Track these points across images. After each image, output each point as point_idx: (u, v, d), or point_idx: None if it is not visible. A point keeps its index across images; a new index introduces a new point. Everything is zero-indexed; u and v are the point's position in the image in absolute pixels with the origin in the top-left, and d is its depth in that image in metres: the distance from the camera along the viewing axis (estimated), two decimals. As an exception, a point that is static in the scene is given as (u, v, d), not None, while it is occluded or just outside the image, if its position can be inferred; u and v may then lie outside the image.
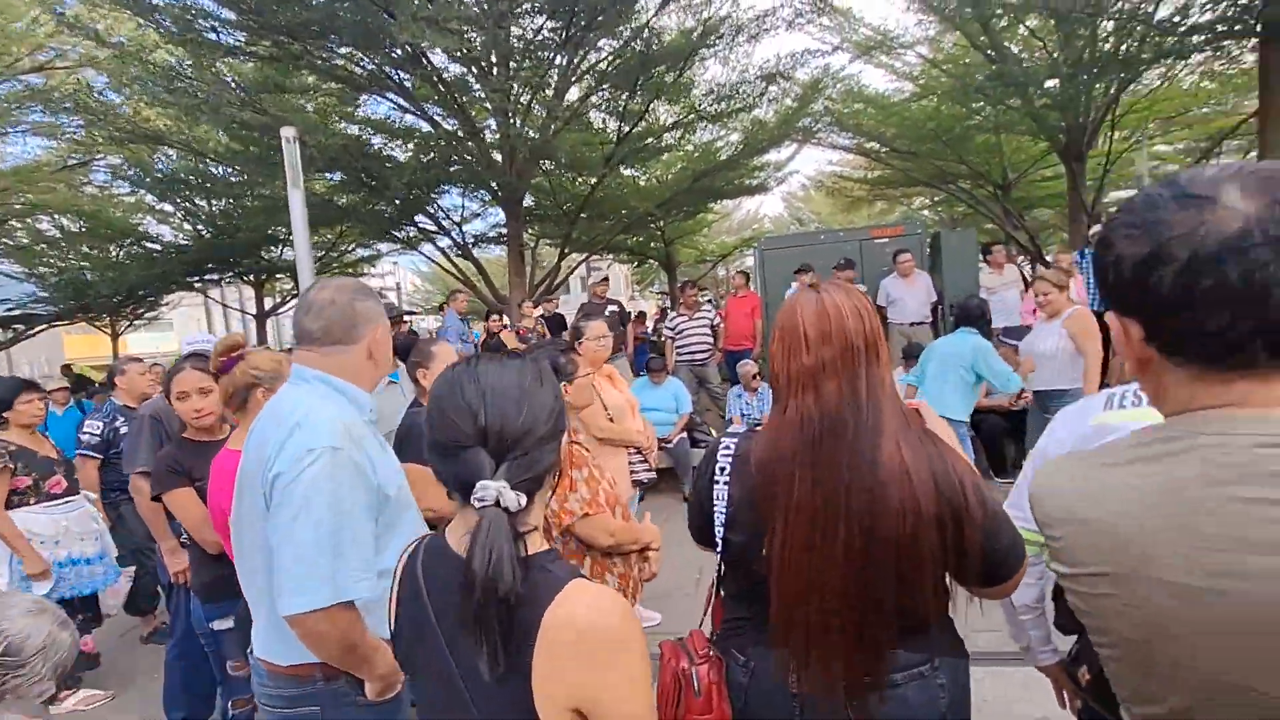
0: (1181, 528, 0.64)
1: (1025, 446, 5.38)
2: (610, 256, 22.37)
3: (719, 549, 1.29)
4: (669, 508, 5.42)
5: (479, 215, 13.00)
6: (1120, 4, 7.60)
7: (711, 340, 6.85)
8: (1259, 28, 6.57)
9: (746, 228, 35.05)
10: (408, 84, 8.83)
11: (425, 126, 9.62)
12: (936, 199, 18.15)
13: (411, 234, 11.93)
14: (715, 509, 1.26)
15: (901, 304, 6.87)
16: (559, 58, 8.50)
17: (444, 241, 11.84)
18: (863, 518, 1.09)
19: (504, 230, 11.27)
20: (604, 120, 10.04)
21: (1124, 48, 7.71)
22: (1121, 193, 16.52)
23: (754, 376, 5.90)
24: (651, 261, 20.27)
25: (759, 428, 1.29)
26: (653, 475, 3.25)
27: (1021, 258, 13.68)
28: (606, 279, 7.66)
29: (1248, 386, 0.64)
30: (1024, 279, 7.66)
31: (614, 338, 7.14)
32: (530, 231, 13.38)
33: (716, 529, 1.27)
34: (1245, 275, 0.61)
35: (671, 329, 6.89)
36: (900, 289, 6.88)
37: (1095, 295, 5.63)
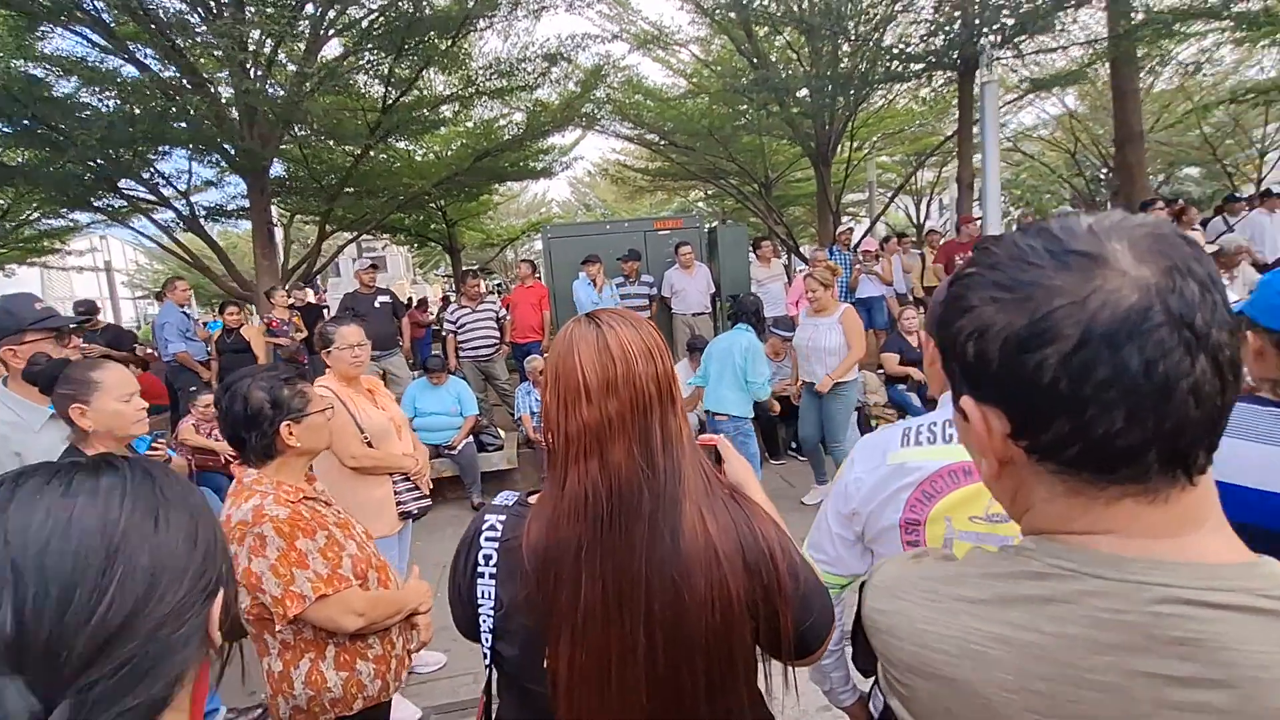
0: (1068, 705, 0.49)
1: (797, 432, 5.84)
2: (386, 237, 20.51)
3: (486, 661, 0.99)
4: (456, 521, 4.97)
5: (214, 184, 10.95)
6: (856, 28, 8.58)
7: (497, 333, 6.44)
8: (958, 62, 7.83)
9: (534, 211, 34.64)
10: (106, 18, 6.98)
11: (133, 71, 7.71)
12: (710, 192, 19.40)
13: (118, 204, 9.61)
14: (480, 612, 0.96)
15: (684, 295, 7.08)
16: (309, 5, 7.32)
17: (167, 214, 9.72)
18: (666, 618, 0.87)
19: (247, 204, 9.58)
20: (368, 85, 8.95)
21: (859, 67, 8.72)
22: (855, 195, 19.17)
23: (543, 371, 5.63)
24: (434, 244, 18.94)
25: (533, 499, 1.00)
26: (425, 503, 2.83)
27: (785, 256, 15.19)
28: (375, 265, 6.80)
29: (1136, 507, 0.50)
30: (786, 272, 8.35)
31: (389, 334, 6.44)
32: (282, 206, 11.62)
33: (483, 636, 0.97)
34: (1147, 365, 0.46)
35: (453, 322, 6.33)
36: (682, 280, 7.09)
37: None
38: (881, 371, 6.21)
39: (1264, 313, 1.24)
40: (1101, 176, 20.82)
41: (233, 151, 8.20)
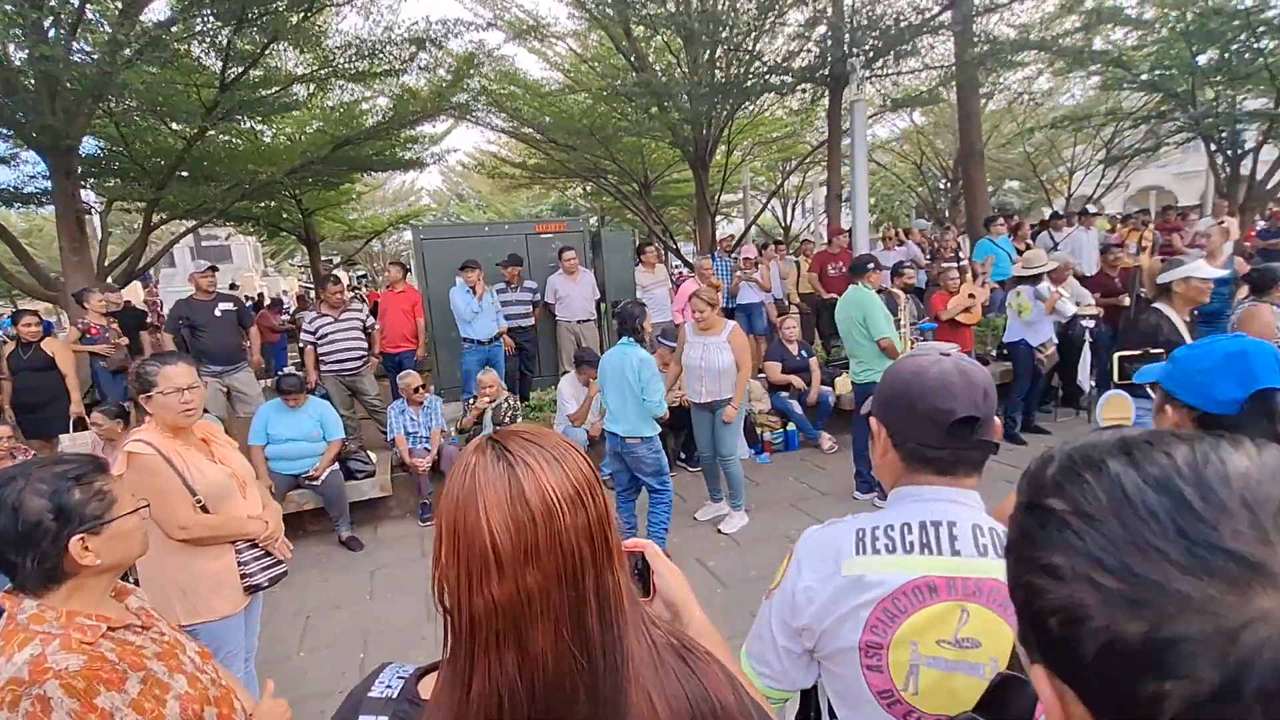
0: None
1: (684, 442, 5.81)
2: (231, 227, 18.41)
3: None
4: (321, 560, 4.44)
5: (4, 161, 9.17)
6: (733, 37, 8.71)
7: (364, 344, 5.86)
8: (829, 79, 8.17)
9: (402, 200, 32.75)
10: None
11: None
12: (589, 189, 19.18)
13: None
14: None
15: (569, 301, 6.84)
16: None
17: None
18: None
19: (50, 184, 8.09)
20: (204, 57, 7.84)
21: (736, 76, 8.89)
22: (730, 196, 19.77)
23: (417, 390, 5.17)
24: (288, 235, 17.23)
25: (426, 689, 0.76)
26: (278, 571, 2.41)
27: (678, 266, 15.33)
28: (214, 268, 5.92)
29: None
30: (670, 278, 8.34)
31: (234, 347, 5.64)
32: (97, 190, 9.99)
33: None
34: None
35: (313, 333, 5.66)
36: (567, 286, 6.84)
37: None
38: (764, 376, 6.34)
39: (1183, 388, 1.25)
40: (941, 187, 22.97)
41: (27, 123, 6.87)
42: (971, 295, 6.05)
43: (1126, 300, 6.35)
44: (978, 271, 7.54)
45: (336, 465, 4.75)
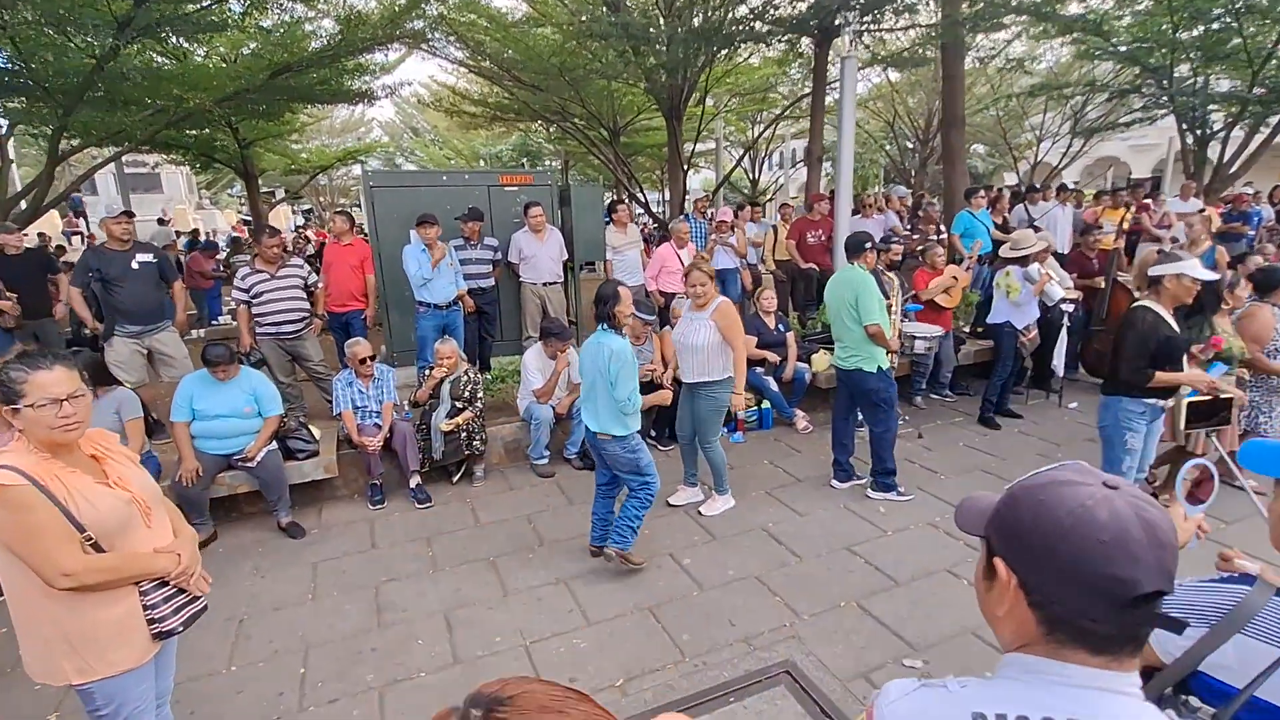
0: None
1: (655, 420, 5.52)
2: (158, 156, 16.87)
3: None
4: (257, 549, 4.02)
5: None
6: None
7: (306, 304, 5.30)
8: (816, 30, 7.66)
9: (351, 132, 30.82)
10: None
11: None
12: (553, 132, 18.21)
13: None
14: None
15: (534, 262, 6.36)
16: None
17: None
18: None
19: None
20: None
21: (720, 22, 8.27)
22: (700, 146, 19.10)
23: (365, 362, 4.69)
24: (222, 167, 15.89)
25: None
26: (195, 610, 2.04)
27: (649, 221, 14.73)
28: (129, 214, 5.20)
29: None
30: (644, 238, 7.89)
31: (155, 304, 5.01)
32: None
33: None
34: None
35: (246, 290, 5.07)
36: (533, 245, 6.35)
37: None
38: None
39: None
40: (910, 147, 22.75)
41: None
42: (954, 277, 5.85)
43: (1102, 283, 6.25)
44: (958, 248, 7.36)
45: (274, 444, 4.30)
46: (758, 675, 2.84)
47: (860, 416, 4.58)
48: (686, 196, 11.66)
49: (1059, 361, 5.94)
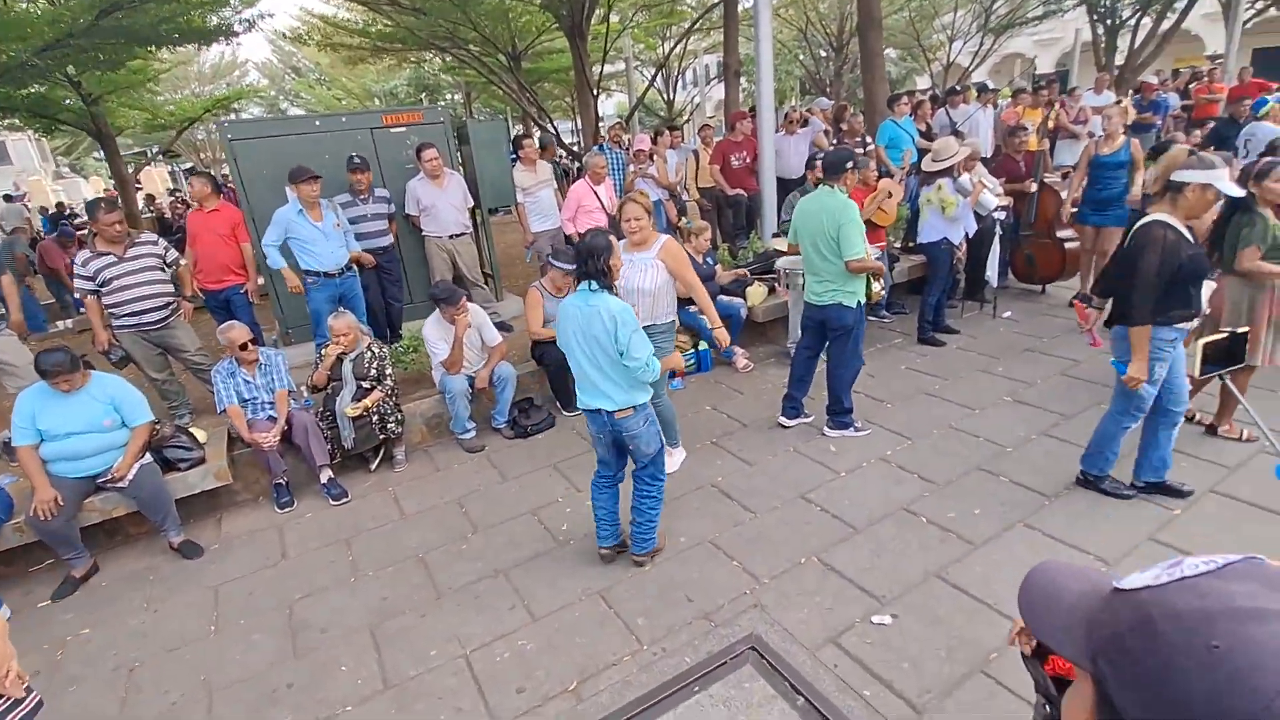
0: None
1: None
2: (-14, 118, 14.57)
3: None
4: (141, 578, 3.48)
5: None
6: None
7: (169, 286, 4.57)
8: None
9: (224, 78, 27.75)
10: None
11: None
12: (448, 61, 16.72)
13: None
14: None
15: (435, 213, 5.71)
16: None
17: None
18: None
19: None
20: None
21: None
22: (610, 67, 17.99)
23: (245, 347, 4.07)
24: (68, 128, 13.88)
25: None
26: (24, 714, 1.59)
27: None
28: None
29: None
30: (556, 176, 7.26)
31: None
32: None
33: None
34: None
35: (91, 278, 4.28)
36: (431, 194, 5.68)
37: None
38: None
39: None
40: (824, 54, 22.22)
41: None
42: (889, 193, 5.59)
43: (1033, 186, 6.14)
44: (884, 160, 7.09)
45: (148, 457, 3.70)
46: (721, 656, 2.62)
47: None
48: (600, 124, 10.94)
49: (993, 272, 5.86)
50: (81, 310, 8.74)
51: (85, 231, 12.26)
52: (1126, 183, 5.55)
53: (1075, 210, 5.88)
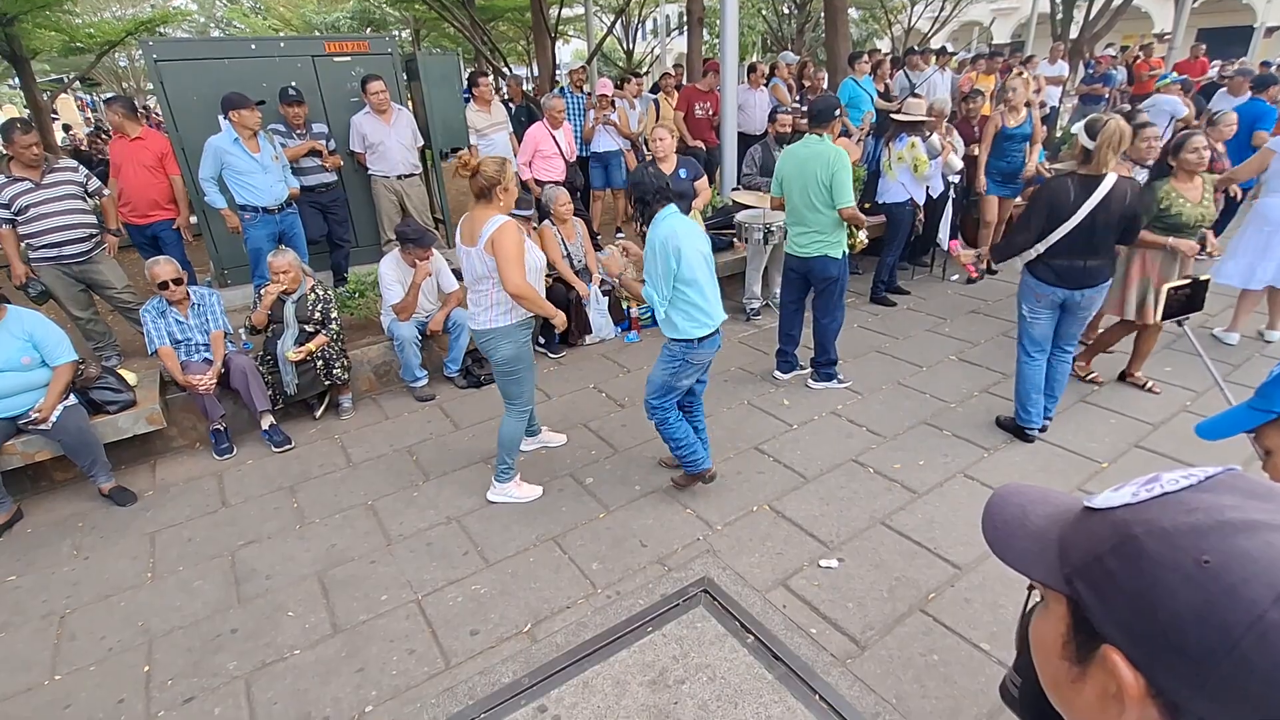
0: None
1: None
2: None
3: None
4: (72, 524, 3.31)
5: None
6: None
7: (91, 217, 4.23)
8: None
9: (146, 0, 25.52)
10: None
11: None
12: (398, -6, 15.76)
13: None
14: None
15: (383, 151, 5.43)
16: None
17: None
18: None
19: None
20: None
21: None
22: (569, 10, 17.26)
23: (167, 286, 3.81)
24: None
25: None
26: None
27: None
28: None
29: None
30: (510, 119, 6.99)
31: None
32: None
33: None
34: None
35: (5, 205, 3.91)
36: (379, 130, 5.39)
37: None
38: (624, 240, 5.61)
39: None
40: (786, 12, 21.88)
41: None
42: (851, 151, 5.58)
43: (978, 150, 6.24)
44: (844, 121, 7.07)
45: (73, 399, 3.48)
46: (675, 598, 2.67)
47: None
48: (557, 70, 10.54)
49: (944, 234, 5.97)
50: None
51: (-7, 158, 11.27)
52: (1023, 157, 5.72)
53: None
